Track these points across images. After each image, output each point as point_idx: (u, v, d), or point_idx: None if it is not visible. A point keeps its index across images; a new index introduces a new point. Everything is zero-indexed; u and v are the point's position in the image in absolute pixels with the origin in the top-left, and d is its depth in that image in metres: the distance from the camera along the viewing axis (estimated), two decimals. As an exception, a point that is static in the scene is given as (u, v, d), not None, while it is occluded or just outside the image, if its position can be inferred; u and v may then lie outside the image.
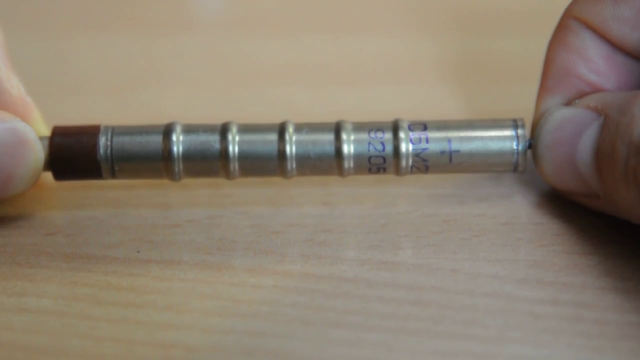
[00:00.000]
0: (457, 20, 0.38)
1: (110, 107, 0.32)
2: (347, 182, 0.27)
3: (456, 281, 0.24)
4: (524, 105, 0.28)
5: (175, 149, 0.26)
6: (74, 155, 0.26)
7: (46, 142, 0.26)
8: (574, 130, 0.25)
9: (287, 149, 0.26)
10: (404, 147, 0.26)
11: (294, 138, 0.26)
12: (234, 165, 0.26)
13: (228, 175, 0.26)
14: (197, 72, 0.35)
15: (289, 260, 0.25)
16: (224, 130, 0.26)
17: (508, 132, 0.26)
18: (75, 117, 0.27)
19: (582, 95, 0.26)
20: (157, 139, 0.26)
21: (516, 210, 0.26)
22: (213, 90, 0.34)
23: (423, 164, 0.26)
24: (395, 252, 0.25)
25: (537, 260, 0.24)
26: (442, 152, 0.26)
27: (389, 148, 0.26)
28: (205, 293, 0.24)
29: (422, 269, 0.24)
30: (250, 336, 0.22)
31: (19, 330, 0.23)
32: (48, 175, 0.26)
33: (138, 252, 0.25)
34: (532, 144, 0.26)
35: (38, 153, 0.25)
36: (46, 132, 0.26)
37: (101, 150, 0.26)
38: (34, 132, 0.25)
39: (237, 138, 0.26)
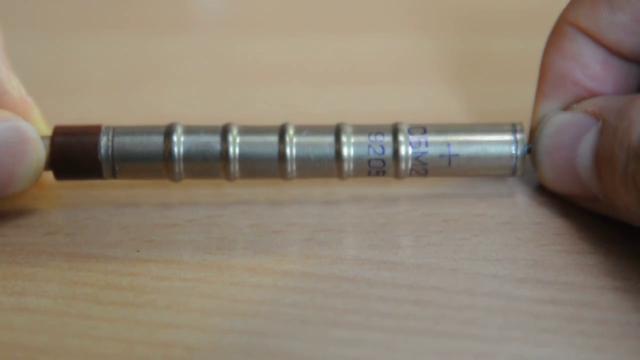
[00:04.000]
0: (457, 20, 0.38)
1: (110, 107, 0.32)
2: (347, 182, 0.27)
3: (456, 281, 0.24)
4: (524, 105, 0.28)
5: (176, 149, 0.26)
6: (75, 154, 0.26)
7: (47, 142, 0.26)
8: (572, 135, 0.25)
9: (287, 151, 0.26)
10: (403, 150, 0.26)
11: (294, 140, 0.26)
12: (234, 167, 0.26)
13: (228, 176, 0.26)
14: (197, 72, 0.35)
15: (288, 259, 0.25)
16: (224, 131, 0.26)
17: (507, 137, 0.26)
18: (76, 117, 0.27)
19: (579, 100, 0.26)
20: (158, 140, 0.26)
21: (516, 210, 0.26)
22: (213, 90, 0.34)
23: (422, 167, 0.26)
24: (395, 251, 0.25)
25: (537, 259, 0.24)
26: (442, 156, 0.26)
27: (389, 151, 0.26)
28: (205, 292, 0.24)
29: (422, 269, 0.24)
30: (249, 336, 0.22)
31: (19, 330, 0.23)
32: (48, 175, 0.26)
33: (138, 251, 0.25)
34: (531, 149, 0.26)
35: (39, 152, 0.25)
36: (47, 131, 0.26)
37: (102, 150, 0.26)
38: (35, 130, 0.25)
39: (237, 139, 0.26)
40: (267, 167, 0.26)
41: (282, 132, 0.26)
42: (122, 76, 0.35)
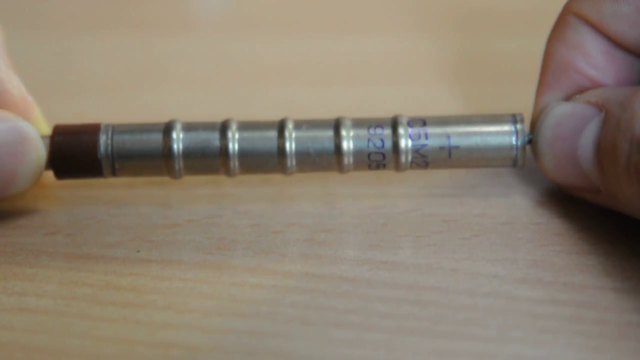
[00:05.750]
0: (457, 20, 0.38)
1: (110, 106, 0.32)
2: (347, 182, 0.27)
3: (456, 281, 0.24)
4: (524, 105, 0.28)
5: (175, 146, 0.26)
6: (74, 153, 0.26)
7: (47, 141, 0.26)
8: (574, 126, 0.25)
9: (287, 145, 0.26)
10: (403, 143, 0.26)
11: (293, 135, 0.26)
12: (234, 163, 0.26)
13: (228, 172, 0.26)
14: (197, 71, 0.35)
15: (288, 259, 0.25)
16: (224, 127, 0.26)
17: (507, 127, 0.26)
18: (76, 117, 0.27)
19: (581, 90, 0.26)
20: (157, 137, 0.26)
21: (516, 210, 0.26)
22: (213, 90, 0.34)
23: (422, 159, 0.26)
24: (395, 251, 0.25)
25: (536, 260, 0.24)
26: (442, 148, 0.26)
27: (389, 144, 0.26)
28: (205, 293, 0.24)
29: (421, 269, 0.24)
30: (250, 336, 0.22)
31: (19, 330, 0.23)
32: (48, 174, 0.26)
33: (138, 251, 0.25)
34: (532, 140, 0.26)
35: (40, 151, 0.25)
36: (47, 131, 0.26)
37: (102, 148, 0.26)
38: (35, 130, 0.25)
39: (237, 135, 0.26)
40: (267, 162, 0.26)
41: (281, 127, 0.26)
42: (122, 76, 0.35)
